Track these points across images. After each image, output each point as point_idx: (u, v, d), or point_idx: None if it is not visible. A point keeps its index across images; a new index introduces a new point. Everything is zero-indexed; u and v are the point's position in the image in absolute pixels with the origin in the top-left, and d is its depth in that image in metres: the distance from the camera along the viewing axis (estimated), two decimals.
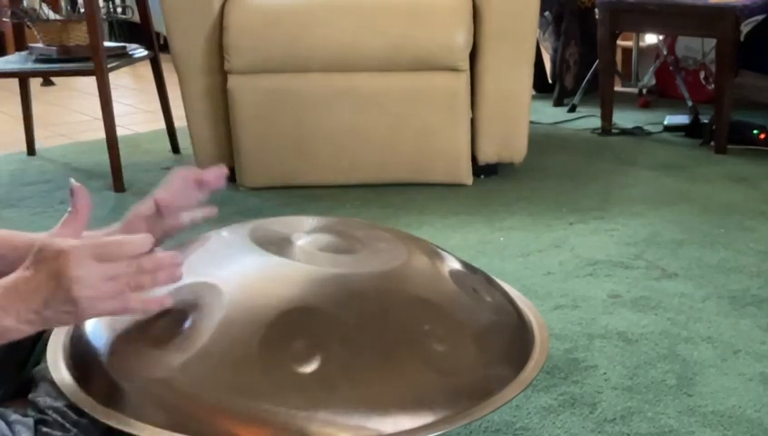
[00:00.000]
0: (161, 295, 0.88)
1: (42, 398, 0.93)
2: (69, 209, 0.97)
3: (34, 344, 1.03)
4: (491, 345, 0.94)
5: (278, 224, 1.08)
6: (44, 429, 0.90)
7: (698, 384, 1.53)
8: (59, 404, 0.91)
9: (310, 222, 1.09)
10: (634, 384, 1.53)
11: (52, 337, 0.98)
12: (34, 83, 3.67)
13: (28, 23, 3.08)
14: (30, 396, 0.95)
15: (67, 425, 0.90)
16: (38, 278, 0.83)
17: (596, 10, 3.27)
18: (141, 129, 3.66)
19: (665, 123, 3.38)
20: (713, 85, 3.70)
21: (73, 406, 0.89)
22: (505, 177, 2.79)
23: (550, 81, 4.04)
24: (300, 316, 0.87)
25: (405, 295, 0.94)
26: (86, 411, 0.86)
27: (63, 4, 3.07)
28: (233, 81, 2.63)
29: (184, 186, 1.10)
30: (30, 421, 0.90)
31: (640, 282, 1.97)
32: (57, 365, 0.93)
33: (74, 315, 0.84)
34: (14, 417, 0.90)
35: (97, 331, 0.94)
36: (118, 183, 2.76)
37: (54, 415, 0.91)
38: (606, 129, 3.34)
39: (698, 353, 1.64)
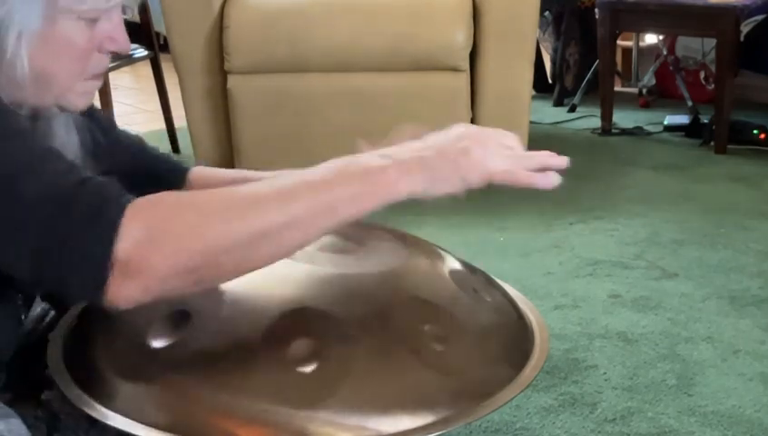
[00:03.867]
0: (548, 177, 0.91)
1: (55, 401, 0.93)
2: None
3: (47, 344, 1.02)
4: (491, 345, 0.93)
5: None
6: (56, 434, 0.90)
7: (698, 384, 1.53)
8: (71, 408, 0.91)
9: None
10: (634, 384, 1.53)
11: (52, 337, 0.98)
12: None
13: None
14: (44, 396, 0.95)
15: (80, 432, 0.90)
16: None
17: (596, 10, 3.27)
18: (141, 129, 3.66)
19: (665, 123, 3.38)
20: (713, 85, 3.70)
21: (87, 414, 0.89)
22: None
23: (550, 81, 4.04)
24: (300, 316, 0.87)
25: (405, 295, 0.94)
26: (87, 412, 0.86)
27: None
28: (233, 81, 2.62)
29: None
30: (43, 426, 0.90)
31: (640, 282, 1.97)
32: (58, 366, 0.93)
33: (466, 160, 0.84)
34: (29, 421, 0.89)
35: (97, 331, 0.94)
36: None
37: (68, 420, 0.91)
38: (606, 129, 3.34)
39: (698, 353, 1.64)
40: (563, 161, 0.91)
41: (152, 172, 1.09)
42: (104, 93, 2.74)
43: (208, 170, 1.11)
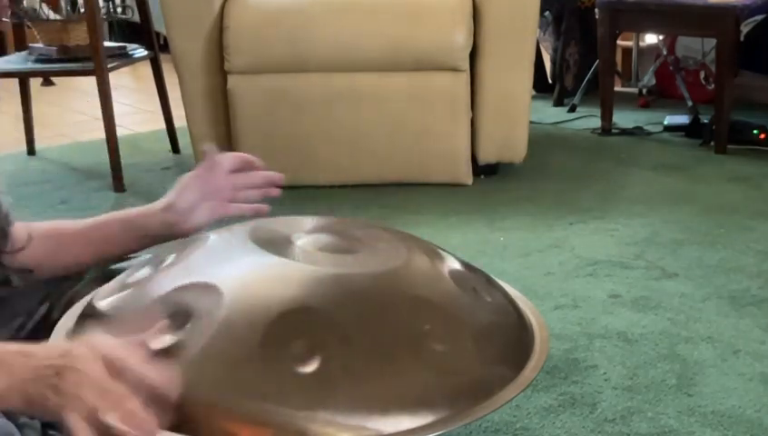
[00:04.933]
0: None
1: None
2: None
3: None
4: (491, 345, 0.93)
5: (278, 224, 1.07)
6: (51, 432, 0.90)
7: (698, 384, 1.53)
8: None
9: (309, 222, 1.09)
10: (634, 384, 1.53)
11: (52, 338, 0.98)
12: (34, 83, 3.67)
13: (28, 23, 3.08)
14: None
15: None
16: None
17: (596, 10, 3.27)
18: (141, 129, 3.66)
19: (665, 123, 3.38)
20: (713, 85, 3.70)
21: None
22: (505, 177, 2.80)
23: (550, 81, 4.04)
24: (300, 316, 0.87)
25: (405, 295, 0.94)
26: None
27: (63, 4, 3.07)
28: (233, 81, 2.63)
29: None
30: (37, 424, 0.90)
31: (640, 282, 1.97)
32: None
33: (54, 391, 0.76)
34: (22, 420, 0.89)
35: (97, 330, 0.94)
36: (118, 183, 2.76)
37: None
38: (606, 129, 3.34)
39: (698, 353, 1.64)
40: (170, 384, 0.80)
41: None
42: (104, 93, 2.74)
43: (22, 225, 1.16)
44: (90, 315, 0.96)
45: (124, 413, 0.75)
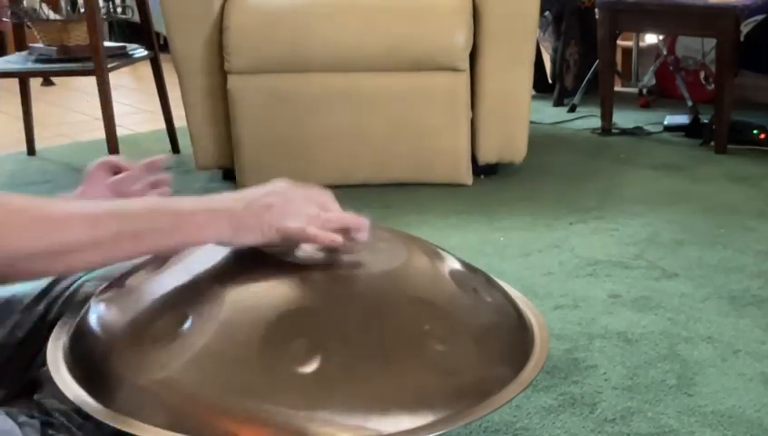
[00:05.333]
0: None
1: (48, 400, 0.93)
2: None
3: (41, 345, 1.03)
4: (491, 345, 0.93)
5: None
6: (50, 431, 0.90)
7: (698, 384, 1.53)
8: (65, 406, 0.91)
9: None
10: (634, 384, 1.53)
11: (52, 337, 0.98)
12: (34, 83, 3.67)
13: (28, 23, 3.08)
14: (36, 397, 0.95)
15: (73, 428, 0.90)
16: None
17: (596, 10, 3.28)
18: (141, 129, 3.66)
19: (665, 123, 3.38)
20: (713, 85, 3.70)
21: (79, 408, 0.89)
22: (505, 177, 2.80)
23: (550, 81, 4.04)
24: (300, 316, 0.87)
25: (405, 295, 0.94)
26: (86, 411, 0.86)
27: (63, 4, 3.07)
28: (233, 81, 2.63)
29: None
30: (36, 422, 0.90)
31: (640, 282, 1.97)
32: (57, 365, 0.93)
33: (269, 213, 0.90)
34: (22, 418, 0.90)
35: (97, 331, 0.94)
36: None
37: (61, 418, 0.91)
38: (606, 129, 3.34)
39: (698, 353, 1.64)
40: (364, 226, 0.95)
41: None
42: (104, 93, 2.74)
43: None
44: (90, 315, 0.96)
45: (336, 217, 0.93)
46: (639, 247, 2.18)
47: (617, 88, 3.75)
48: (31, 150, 3.27)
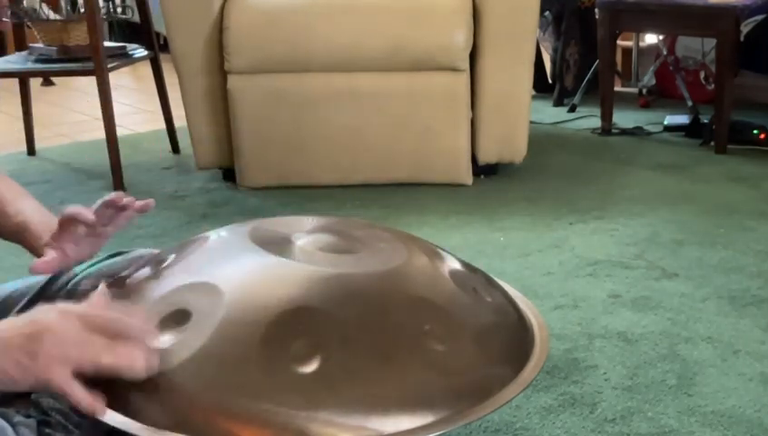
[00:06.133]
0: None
1: (45, 399, 0.93)
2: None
3: None
4: (491, 345, 0.93)
5: (278, 224, 1.07)
6: (47, 430, 0.90)
7: (698, 384, 1.53)
8: (62, 405, 0.91)
9: (309, 222, 1.09)
10: (634, 384, 1.53)
11: None
12: (34, 83, 3.67)
13: (28, 23, 3.08)
14: (33, 396, 0.95)
15: (70, 426, 0.90)
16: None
17: (596, 10, 3.28)
18: (141, 129, 3.66)
19: (665, 123, 3.38)
20: (713, 85, 3.70)
21: (75, 408, 0.89)
22: (505, 177, 2.80)
23: (550, 81, 4.04)
24: (300, 316, 0.87)
25: (405, 295, 0.94)
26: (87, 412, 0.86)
27: (63, 4, 3.07)
28: (233, 81, 2.63)
29: (105, 208, 1.09)
30: (33, 422, 0.90)
31: (640, 282, 1.97)
32: None
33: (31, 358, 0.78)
34: (17, 418, 0.90)
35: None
36: (118, 183, 2.76)
37: (57, 416, 0.91)
38: (606, 129, 3.34)
39: (698, 353, 1.64)
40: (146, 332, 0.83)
41: None
42: (104, 93, 2.74)
43: None
44: None
45: (114, 354, 0.80)
46: (639, 247, 2.18)
47: (617, 88, 3.75)
48: (31, 150, 3.27)
